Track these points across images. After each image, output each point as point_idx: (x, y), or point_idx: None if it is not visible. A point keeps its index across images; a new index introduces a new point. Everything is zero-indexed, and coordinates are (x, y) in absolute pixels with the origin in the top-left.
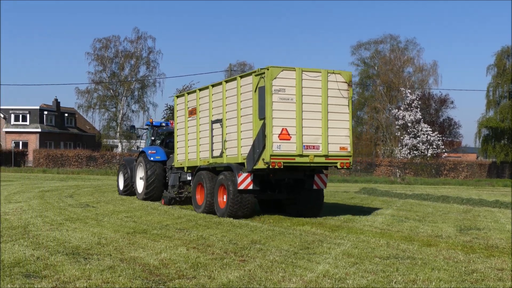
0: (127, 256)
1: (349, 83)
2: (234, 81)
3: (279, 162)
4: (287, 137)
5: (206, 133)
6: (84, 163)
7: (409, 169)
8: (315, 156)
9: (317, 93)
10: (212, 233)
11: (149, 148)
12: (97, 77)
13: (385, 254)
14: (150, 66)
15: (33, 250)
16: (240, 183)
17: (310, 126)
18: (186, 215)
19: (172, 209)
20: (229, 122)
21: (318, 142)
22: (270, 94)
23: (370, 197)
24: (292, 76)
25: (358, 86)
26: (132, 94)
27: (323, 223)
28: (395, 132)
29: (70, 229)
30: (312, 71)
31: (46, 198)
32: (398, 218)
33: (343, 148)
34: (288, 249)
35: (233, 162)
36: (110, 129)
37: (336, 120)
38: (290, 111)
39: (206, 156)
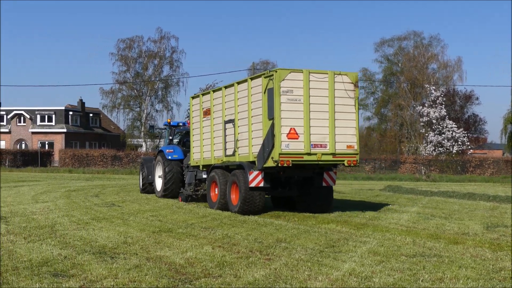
0: (153, 255)
1: (355, 83)
2: (245, 83)
3: (288, 160)
4: (295, 136)
5: (219, 133)
6: (109, 162)
7: (434, 166)
8: (323, 154)
9: (324, 93)
10: (237, 232)
11: (167, 147)
12: (121, 77)
13: (411, 252)
14: (174, 65)
15: (60, 250)
16: (251, 181)
17: (317, 126)
18: (210, 214)
19: (197, 207)
20: (241, 122)
21: (326, 140)
22: (278, 95)
23: (395, 194)
24: (299, 77)
25: (382, 83)
26: (155, 93)
27: (348, 221)
28: (419, 129)
29: (97, 228)
30: (319, 73)
31: (72, 198)
32: (424, 215)
33: (350, 146)
34: (314, 247)
35: (244, 161)
36: (135, 128)
37: (343, 120)
38: (298, 111)
39: (220, 155)
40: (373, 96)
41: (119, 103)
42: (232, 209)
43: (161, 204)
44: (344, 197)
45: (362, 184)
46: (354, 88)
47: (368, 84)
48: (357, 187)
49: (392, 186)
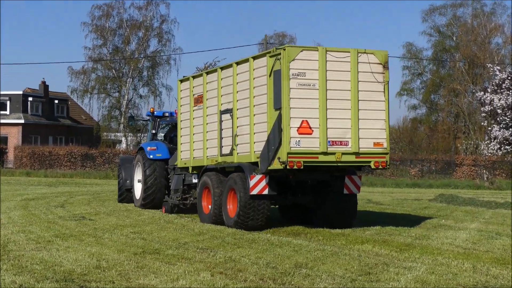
0: (134, 283)
1: (385, 64)
2: (246, 63)
3: (299, 161)
4: (308, 131)
5: (214, 126)
6: (78, 163)
7: (500, 169)
8: (343, 154)
9: (345, 77)
10: (244, 254)
11: (148, 144)
12: (96, 53)
13: (471, 282)
14: (163, 39)
15: (14, 276)
16: (252, 187)
17: (336, 118)
18: (209, 231)
19: (191, 222)
20: (241, 113)
21: (347, 136)
22: (287, 79)
23: (449, 206)
24: (314, 57)
25: (431, 62)
26: (140, 74)
27: (388, 240)
28: (480, 121)
29: (62, 248)
30: (338, 51)
31: (30, 209)
32: (487, 234)
33: (378, 143)
34: (344, 275)
35: (245, 162)
36: (112, 119)
37: (369, 110)
38: (311, 100)
39: (214, 154)
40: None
41: (93, 87)
42: (228, 223)
43: (145, 217)
44: (383, 210)
45: (407, 193)
46: (383, 70)
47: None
48: (399, 196)
49: (445, 195)
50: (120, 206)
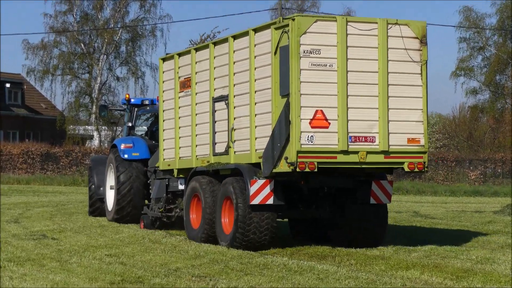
0: None
1: (422, 39)
2: (246, 37)
3: (312, 163)
4: (324, 124)
5: (205, 117)
6: (37, 165)
7: None
8: (368, 153)
9: (371, 55)
10: (254, 283)
11: (123, 140)
12: (59, 22)
13: None
14: (146, 2)
15: None
16: (253, 196)
17: (360, 107)
18: (208, 253)
19: (184, 241)
20: (239, 101)
21: (373, 131)
22: (296, 57)
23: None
24: (331, 29)
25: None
26: (116, 50)
27: (441, 265)
28: None
29: (16, 276)
30: (363, 22)
31: None
32: None
33: (413, 140)
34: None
35: (243, 163)
36: (81, 108)
37: (402, 97)
38: (328, 84)
39: (206, 153)
40: (481, 54)
41: (55, 66)
42: (222, 241)
43: (125, 236)
44: (433, 225)
45: (465, 203)
46: (420, 46)
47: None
48: (455, 208)
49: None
50: (91, 220)
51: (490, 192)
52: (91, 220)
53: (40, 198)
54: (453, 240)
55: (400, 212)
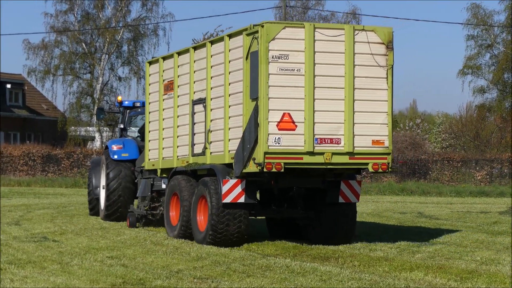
0: None
1: (388, 44)
2: (221, 42)
3: (278, 163)
4: (291, 126)
5: (185, 119)
6: (38, 167)
7: None
8: (334, 154)
9: (338, 60)
10: (256, 285)
11: (114, 142)
12: (60, 22)
13: None
14: (148, 2)
15: None
16: (225, 194)
17: (326, 110)
18: (210, 255)
19: (185, 243)
20: (215, 104)
21: (339, 133)
22: (265, 62)
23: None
24: (299, 35)
25: (505, 29)
26: (118, 49)
27: (445, 266)
28: None
29: (17, 278)
30: (330, 28)
31: None
32: None
33: (377, 142)
34: None
35: (218, 163)
36: (82, 109)
37: (368, 101)
38: (295, 88)
39: (185, 154)
40: (490, 51)
41: (56, 66)
42: (197, 238)
43: (126, 238)
44: (438, 226)
45: (470, 203)
46: (386, 51)
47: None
48: (460, 208)
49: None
50: (93, 223)
51: (496, 193)
52: (92, 222)
53: (41, 200)
54: (458, 241)
55: (405, 213)
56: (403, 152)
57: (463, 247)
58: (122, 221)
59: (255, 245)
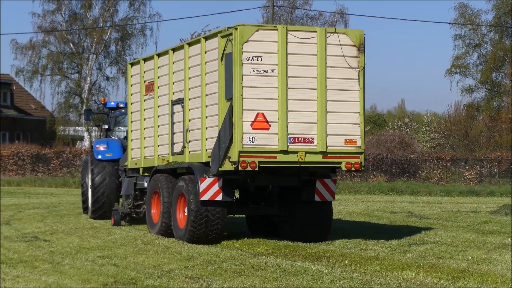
0: None
1: (360, 46)
2: (198, 44)
3: (253, 162)
4: (265, 126)
5: (165, 119)
6: (28, 167)
7: None
8: (307, 153)
9: (310, 62)
10: (247, 284)
11: (98, 142)
12: (47, 21)
13: None
14: (136, 2)
15: None
16: (203, 192)
17: (299, 110)
18: (202, 254)
19: (176, 243)
20: (193, 104)
21: (312, 132)
22: (239, 63)
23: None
24: (272, 38)
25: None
26: (106, 49)
27: (436, 265)
28: None
29: (9, 278)
30: (302, 30)
31: None
32: None
33: (350, 141)
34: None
35: (196, 162)
36: (71, 109)
37: (340, 101)
38: (269, 89)
39: (166, 153)
40: (477, 51)
41: (44, 66)
42: (177, 235)
43: (117, 237)
44: (428, 225)
45: (460, 203)
46: (357, 53)
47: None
48: (451, 208)
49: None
50: (83, 222)
51: (486, 192)
52: (83, 222)
53: (31, 200)
54: (449, 240)
55: (395, 213)
56: (392, 152)
57: (454, 246)
58: (109, 219)
59: (246, 245)
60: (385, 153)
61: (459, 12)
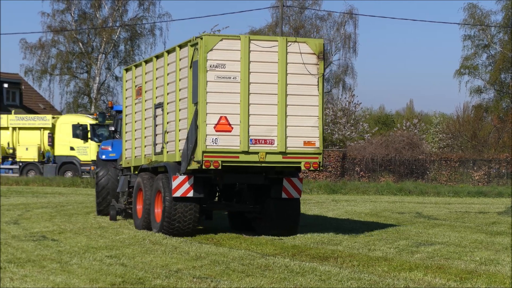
0: None
1: (319, 54)
2: (174, 52)
3: (216, 161)
4: (227, 128)
5: (150, 121)
6: None
7: None
8: (268, 154)
9: (271, 69)
10: (255, 285)
11: (104, 143)
12: (57, 21)
13: None
14: (145, 1)
15: None
16: (175, 189)
17: (260, 114)
18: (209, 254)
19: (184, 242)
20: (170, 108)
21: (272, 134)
22: (203, 71)
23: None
24: (235, 47)
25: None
26: (115, 49)
27: (444, 266)
28: None
29: (17, 277)
30: (264, 40)
31: None
32: None
33: (309, 142)
34: None
35: (171, 161)
36: (80, 108)
37: (300, 106)
38: (232, 94)
39: (150, 153)
40: (486, 52)
41: (53, 66)
42: (155, 229)
43: (125, 237)
44: (436, 226)
45: (468, 204)
46: (317, 61)
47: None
48: (459, 209)
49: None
50: (91, 222)
51: (494, 193)
52: (90, 221)
53: (39, 199)
54: (457, 241)
55: (403, 213)
56: (400, 152)
57: (462, 247)
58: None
59: (254, 245)
60: (394, 153)
61: (468, 12)
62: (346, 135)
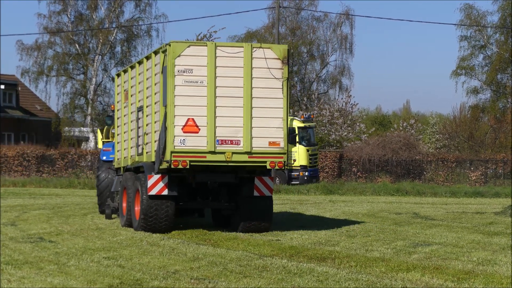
0: None
1: (283, 59)
2: (150, 58)
3: (184, 161)
4: (195, 130)
5: (134, 124)
6: (33, 168)
7: None
8: (234, 153)
9: (237, 73)
10: (253, 285)
11: (105, 145)
12: (53, 23)
13: None
14: (142, 2)
15: None
16: (150, 188)
17: (226, 116)
18: (207, 255)
19: (182, 244)
20: (148, 111)
21: (238, 135)
22: (172, 75)
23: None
24: (202, 53)
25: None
26: (112, 50)
27: (442, 266)
28: None
29: (14, 279)
30: (230, 46)
31: None
32: None
33: (273, 143)
34: None
35: (148, 161)
36: (76, 110)
37: (265, 108)
38: (199, 97)
39: (133, 154)
40: (483, 52)
41: (50, 67)
42: (134, 226)
43: (122, 238)
44: (433, 226)
45: (465, 204)
46: (281, 65)
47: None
48: (456, 209)
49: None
50: (88, 223)
51: (491, 193)
52: (88, 223)
53: (37, 201)
54: (454, 241)
55: (400, 214)
56: (397, 153)
57: (460, 247)
58: (115, 219)
59: (251, 246)
60: (390, 154)
61: (465, 13)
62: (343, 136)
